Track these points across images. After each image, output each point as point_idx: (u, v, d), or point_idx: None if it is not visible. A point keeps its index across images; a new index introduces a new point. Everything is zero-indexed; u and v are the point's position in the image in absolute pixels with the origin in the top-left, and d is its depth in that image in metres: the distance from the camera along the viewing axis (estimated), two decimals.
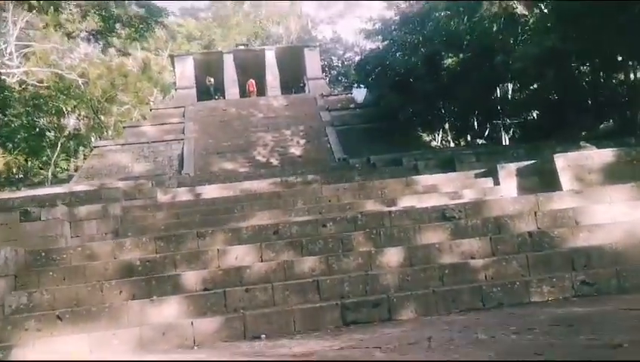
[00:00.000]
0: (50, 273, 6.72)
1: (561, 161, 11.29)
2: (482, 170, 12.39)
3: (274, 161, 22.94)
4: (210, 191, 14.81)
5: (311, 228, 7.18)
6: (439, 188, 11.64)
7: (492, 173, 12.11)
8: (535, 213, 7.38)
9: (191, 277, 6.45)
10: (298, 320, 5.79)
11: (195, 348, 5.57)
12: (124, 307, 6.09)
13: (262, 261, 6.67)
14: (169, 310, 6.08)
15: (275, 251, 6.73)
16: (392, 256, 6.52)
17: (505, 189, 11.51)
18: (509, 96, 23.38)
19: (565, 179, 11.19)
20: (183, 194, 14.90)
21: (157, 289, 6.38)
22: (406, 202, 10.94)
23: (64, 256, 7.19)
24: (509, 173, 11.76)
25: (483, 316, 5.36)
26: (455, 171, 14.69)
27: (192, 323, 5.72)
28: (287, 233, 7.15)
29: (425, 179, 12.17)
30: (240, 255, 6.67)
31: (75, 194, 13.42)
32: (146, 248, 7.02)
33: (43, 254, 7.19)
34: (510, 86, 23.60)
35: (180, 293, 6.31)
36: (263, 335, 5.70)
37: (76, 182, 22.44)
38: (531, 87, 22.36)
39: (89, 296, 6.35)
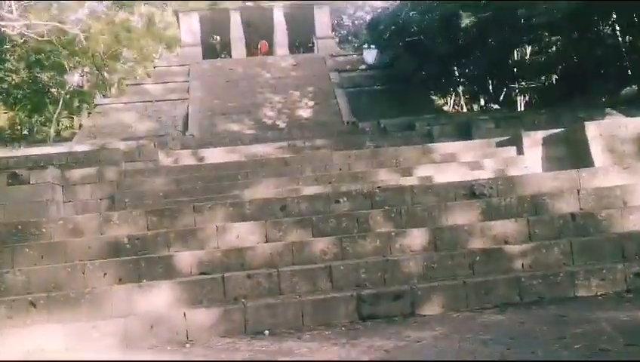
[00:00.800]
0: (27, 249, 5.84)
1: (593, 130, 10.27)
2: (504, 138, 11.38)
3: (281, 124, 21.91)
4: (214, 155, 13.94)
5: (322, 204, 6.25)
6: (458, 157, 10.67)
7: (515, 142, 11.12)
8: (577, 190, 6.40)
9: (186, 259, 5.57)
10: (307, 314, 4.93)
11: (188, 345, 4.72)
12: (108, 293, 5.23)
13: (267, 241, 5.79)
14: (160, 297, 5.21)
15: (282, 230, 5.84)
16: (415, 239, 5.62)
17: (529, 159, 10.53)
18: (527, 59, 22.11)
19: (597, 150, 10.20)
20: (186, 158, 14.03)
21: (147, 273, 5.51)
22: (423, 171, 10.02)
23: (44, 229, 6.29)
24: (534, 141, 10.77)
25: (526, 318, 4.47)
26: (472, 138, 13.72)
27: (184, 314, 4.87)
28: (295, 209, 6.21)
29: (442, 147, 11.18)
30: (242, 233, 5.79)
31: (72, 155, 12.55)
32: (136, 223, 6.12)
33: (19, 227, 6.30)
34: (529, 48, 22.34)
35: (172, 278, 5.42)
36: (267, 331, 4.85)
37: (78, 141, 21.54)
38: (550, 50, 21.14)
39: (69, 279, 5.49)
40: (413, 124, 16.42)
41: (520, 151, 10.73)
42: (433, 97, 24.69)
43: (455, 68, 23.08)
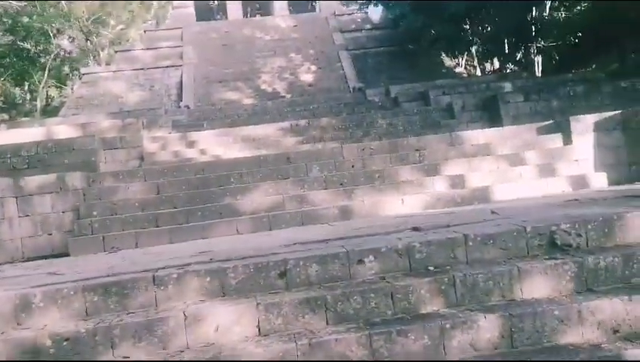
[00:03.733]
0: None
1: None
2: (546, 124, 9.22)
3: (281, 91, 19.68)
4: (207, 140, 11.91)
5: (340, 267, 4.11)
6: (493, 149, 8.57)
7: (560, 128, 8.98)
8: None
9: None
10: None
11: None
12: None
13: (260, 334, 3.77)
14: None
15: (282, 314, 3.80)
16: (482, 331, 3.60)
17: (580, 151, 8.45)
18: (546, 16, 19.57)
19: None
20: (174, 144, 11.97)
21: None
22: (452, 168, 7.97)
23: None
24: (585, 127, 8.66)
25: None
26: (499, 114, 11.59)
27: None
28: (300, 275, 4.09)
29: (473, 136, 9.06)
30: (223, 323, 3.76)
31: (43, 144, 10.45)
32: (68, 306, 3.98)
33: None
34: (548, 4, 19.75)
35: None
36: None
37: (64, 114, 19.42)
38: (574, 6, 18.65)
39: None
40: (426, 94, 14.24)
41: (567, 140, 8.62)
42: (443, 58, 22.22)
43: (467, 26, 20.56)
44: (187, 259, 4.66)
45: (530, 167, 8.08)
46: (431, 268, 4.20)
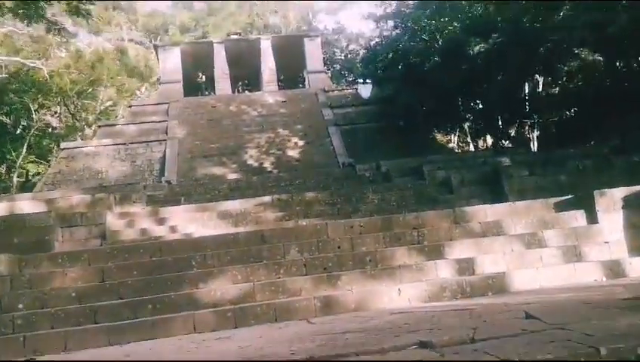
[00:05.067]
0: None
1: None
2: (564, 199, 7.86)
3: (268, 166, 18.44)
4: (179, 216, 10.51)
5: None
6: (505, 228, 7.16)
7: (582, 203, 7.60)
8: None
9: None
10: None
11: None
12: None
13: None
14: None
15: None
16: None
17: (609, 231, 7.01)
18: (541, 92, 18.78)
19: None
20: (143, 220, 10.54)
21: None
22: (458, 251, 6.51)
23: None
24: (611, 203, 7.26)
25: None
26: (503, 189, 10.26)
27: None
28: None
29: (480, 213, 7.65)
30: None
31: None
32: None
33: None
34: (541, 80, 19.03)
35: None
36: None
37: (39, 190, 18.05)
38: (570, 80, 17.85)
39: None
40: (419, 168, 12.99)
41: (592, 218, 7.23)
42: (435, 134, 21.26)
43: (460, 102, 19.70)
44: None
45: (551, 249, 6.65)
46: None
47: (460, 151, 20.65)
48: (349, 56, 31.41)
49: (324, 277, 6.20)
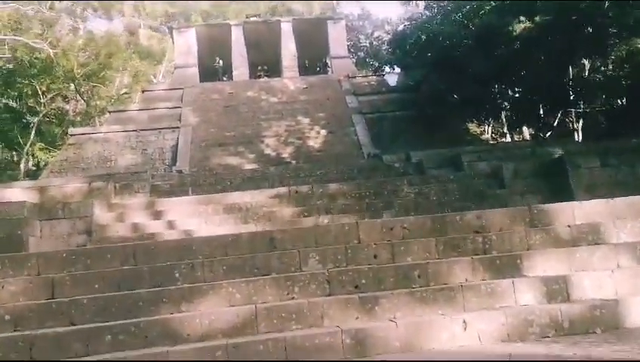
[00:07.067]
0: None
1: None
2: None
3: (287, 156, 16.66)
4: (179, 209, 8.79)
5: None
6: (604, 234, 5.20)
7: None
8: None
9: None
10: None
11: None
12: None
13: None
14: None
15: None
16: None
17: None
18: (588, 77, 16.61)
19: None
20: (136, 213, 8.82)
21: None
22: (541, 265, 4.56)
23: None
24: None
25: None
26: (569, 183, 8.30)
27: None
28: None
29: (565, 212, 5.67)
30: None
31: None
32: None
33: None
34: (588, 64, 16.87)
35: None
36: None
37: (46, 177, 16.55)
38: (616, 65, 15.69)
39: None
40: (456, 159, 11.08)
41: None
42: (467, 124, 19.19)
43: (496, 89, 17.61)
44: None
45: None
46: None
47: (494, 142, 18.54)
48: (374, 43, 29.37)
49: (354, 300, 4.37)
